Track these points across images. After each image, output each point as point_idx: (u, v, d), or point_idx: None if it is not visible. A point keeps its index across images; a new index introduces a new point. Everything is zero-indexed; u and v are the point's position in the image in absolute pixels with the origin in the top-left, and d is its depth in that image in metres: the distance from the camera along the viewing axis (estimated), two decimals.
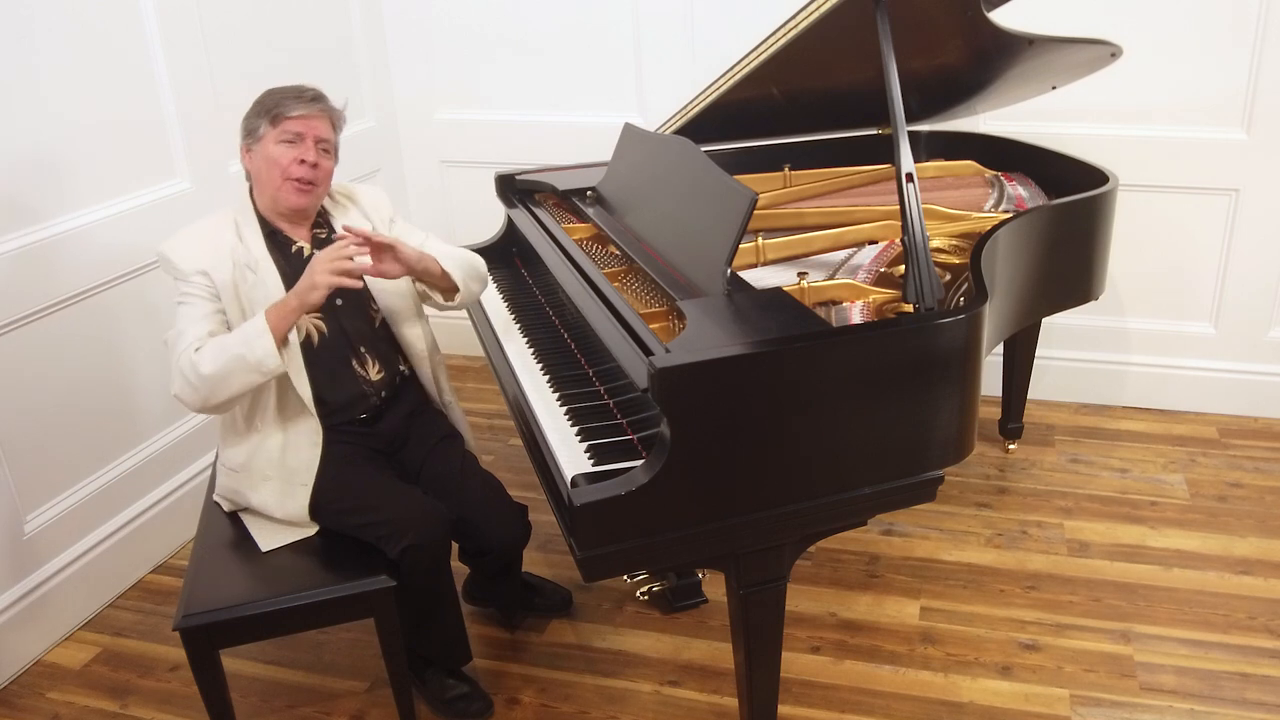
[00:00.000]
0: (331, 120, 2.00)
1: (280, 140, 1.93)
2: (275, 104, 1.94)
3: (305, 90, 1.97)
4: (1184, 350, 3.23)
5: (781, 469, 1.61)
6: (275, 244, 1.99)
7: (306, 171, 1.94)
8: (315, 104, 1.97)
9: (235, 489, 2.01)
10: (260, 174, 1.96)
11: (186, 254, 1.91)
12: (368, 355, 2.05)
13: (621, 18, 3.31)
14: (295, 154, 1.93)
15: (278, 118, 1.92)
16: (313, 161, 1.94)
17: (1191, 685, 2.14)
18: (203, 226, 1.97)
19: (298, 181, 1.94)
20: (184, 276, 1.90)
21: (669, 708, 2.14)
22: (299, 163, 1.93)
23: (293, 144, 1.93)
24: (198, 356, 1.81)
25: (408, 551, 1.88)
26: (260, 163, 1.95)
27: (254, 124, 1.95)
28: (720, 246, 1.82)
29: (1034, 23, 2.26)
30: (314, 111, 1.96)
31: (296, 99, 1.94)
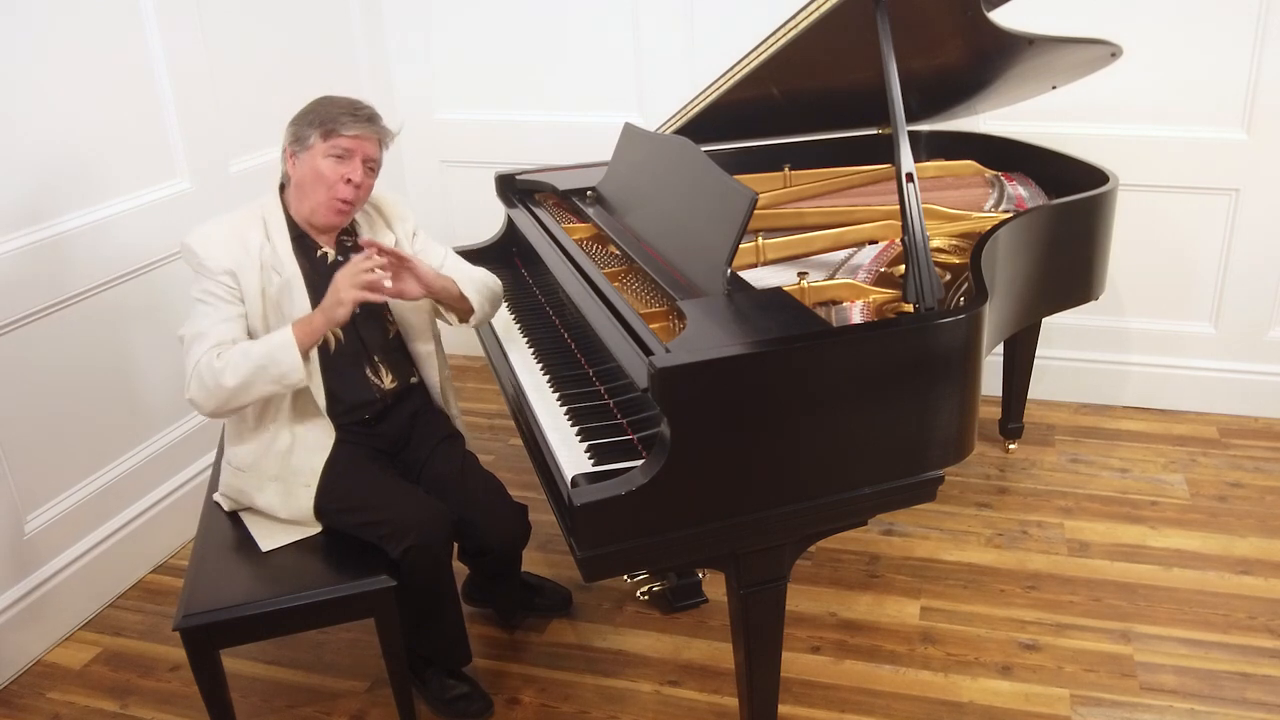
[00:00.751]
0: (381, 141, 1.98)
1: (329, 155, 1.91)
2: (331, 117, 1.91)
3: (361, 108, 1.94)
4: (1184, 350, 3.23)
5: (781, 469, 1.61)
6: (302, 248, 1.99)
7: (350, 192, 1.93)
8: (370, 124, 1.94)
9: (240, 488, 2.01)
10: (303, 183, 1.94)
11: (215, 251, 1.89)
12: (382, 364, 2.06)
13: (621, 18, 3.31)
14: (342, 171, 1.91)
15: (330, 132, 1.90)
16: (359, 182, 1.94)
17: (1192, 685, 2.14)
18: (231, 222, 1.95)
19: (339, 201, 1.94)
20: (210, 274, 1.88)
21: (669, 708, 2.14)
22: (345, 182, 1.92)
23: (341, 160, 1.91)
24: (220, 365, 1.81)
25: (409, 552, 1.88)
26: (305, 172, 1.93)
27: (304, 132, 1.92)
28: (720, 246, 1.82)
29: (1034, 23, 2.26)
30: (367, 131, 1.93)
31: (352, 116, 1.91)
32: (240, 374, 1.80)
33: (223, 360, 1.81)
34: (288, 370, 1.81)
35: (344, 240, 2.05)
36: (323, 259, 2.01)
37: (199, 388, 1.83)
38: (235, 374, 1.80)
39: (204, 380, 1.82)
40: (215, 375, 1.80)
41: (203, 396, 1.83)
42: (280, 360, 1.80)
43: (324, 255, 2.01)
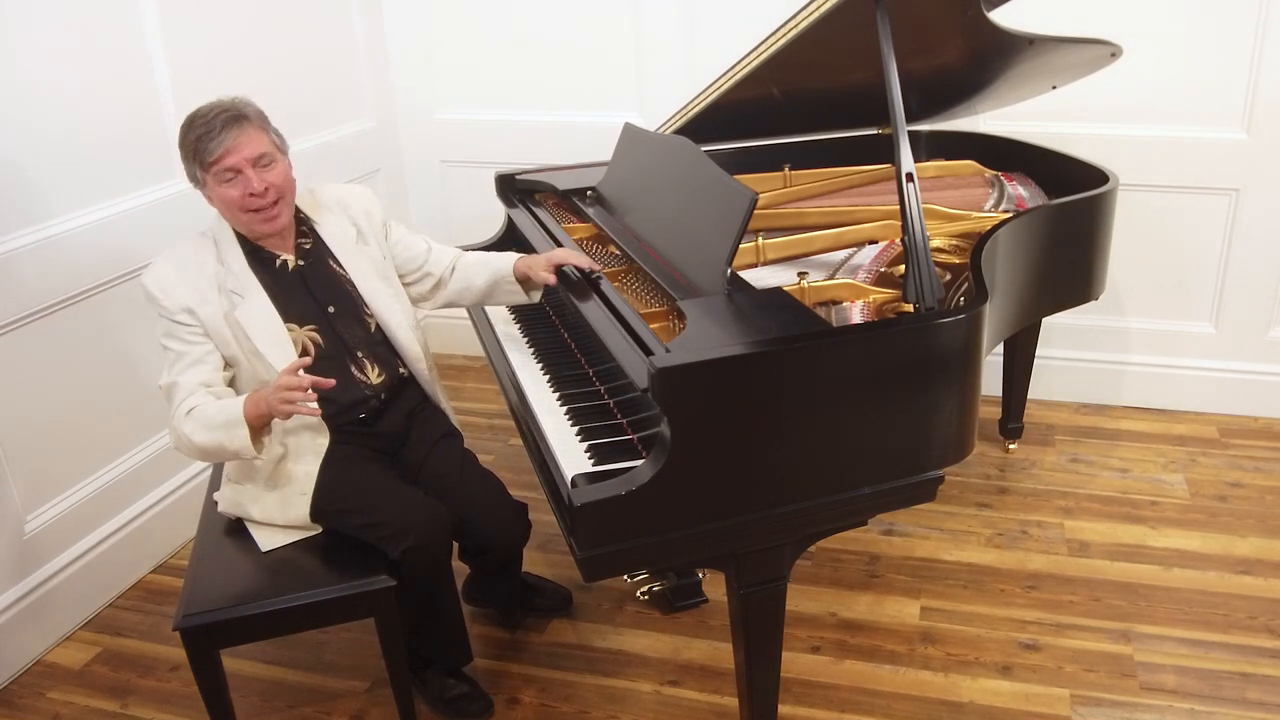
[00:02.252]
0: (257, 126, 1.88)
1: (220, 181, 1.85)
2: (198, 147, 1.83)
3: (213, 118, 1.83)
4: (1184, 350, 3.23)
5: (781, 469, 1.61)
6: (259, 261, 1.96)
7: (261, 200, 1.88)
8: (230, 129, 1.83)
9: (238, 500, 2.00)
10: (223, 212, 1.92)
11: (170, 288, 1.86)
12: (366, 360, 2.04)
13: (621, 18, 3.31)
14: (241, 189, 1.86)
15: (204, 161, 1.83)
16: (261, 188, 1.86)
17: (1192, 685, 2.14)
18: (182, 254, 1.92)
19: (259, 212, 1.89)
20: (169, 314, 1.86)
21: (669, 708, 2.14)
22: (250, 195, 1.86)
23: (232, 180, 1.85)
24: (188, 425, 1.80)
25: (409, 553, 1.88)
26: (217, 204, 1.90)
27: (190, 170, 1.87)
28: (720, 246, 1.82)
29: (1034, 23, 2.27)
30: (233, 138, 1.83)
31: (208, 134, 1.82)
32: (204, 439, 1.79)
33: (190, 420, 1.81)
34: (240, 448, 1.78)
35: (302, 244, 2.02)
36: (283, 268, 1.98)
37: (176, 441, 1.84)
38: (202, 436, 1.79)
39: (180, 439, 1.82)
40: (187, 437, 1.80)
41: (184, 451, 1.85)
42: (234, 436, 1.77)
43: (284, 263, 1.98)
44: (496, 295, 2.20)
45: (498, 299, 2.22)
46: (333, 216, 2.09)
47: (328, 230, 2.07)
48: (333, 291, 2.02)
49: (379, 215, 2.16)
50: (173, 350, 1.88)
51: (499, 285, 2.17)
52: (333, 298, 2.01)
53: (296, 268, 2.00)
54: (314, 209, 2.08)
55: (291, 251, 2.01)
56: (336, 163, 3.33)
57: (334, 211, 2.10)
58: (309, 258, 2.02)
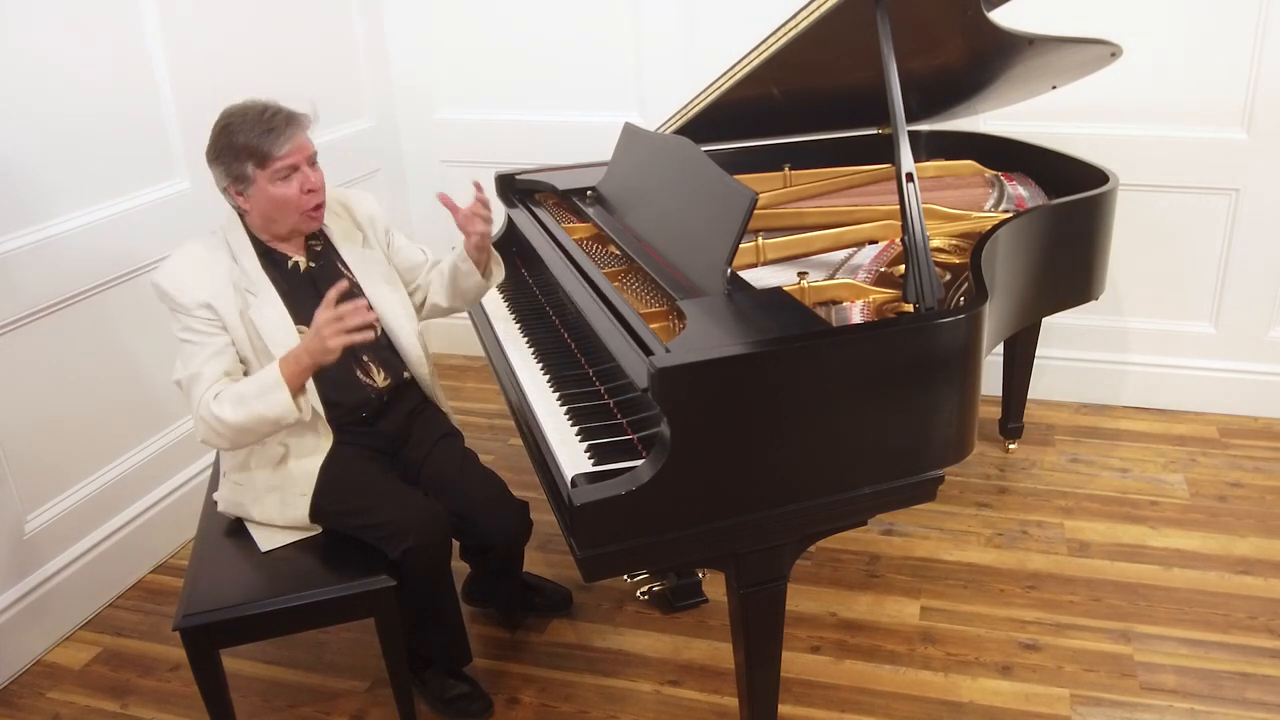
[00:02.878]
0: (309, 124, 1.93)
1: (276, 179, 1.86)
2: (254, 144, 1.84)
3: (272, 117, 1.86)
4: (1184, 350, 3.23)
5: (781, 469, 1.61)
6: (271, 262, 1.97)
7: (315, 198, 1.92)
8: (290, 126, 1.87)
9: (238, 500, 2.00)
10: (268, 213, 1.91)
11: (185, 284, 1.86)
12: (372, 363, 2.05)
13: (621, 18, 3.31)
14: (299, 185, 1.88)
15: (264, 159, 1.84)
16: (316, 185, 1.92)
17: (1192, 685, 2.14)
18: (195, 252, 1.92)
19: (312, 210, 1.93)
20: (186, 310, 1.85)
21: (669, 707, 2.14)
22: (307, 193, 1.90)
23: (289, 178, 1.88)
24: (218, 406, 1.80)
25: (409, 553, 1.88)
26: (263, 204, 1.89)
27: (238, 169, 1.86)
28: (720, 246, 1.82)
29: (1034, 23, 2.27)
30: (294, 136, 1.87)
31: (270, 132, 1.84)
32: (239, 414, 1.79)
33: (219, 402, 1.80)
34: (283, 412, 1.79)
35: (312, 245, 2.03)
36: (294, 269, 1.99)
37: (207, 431, 1.83)
38: (234, 413, 1.79)
39: (209, 424, 1.81)
40: (217, 417, 1.79)
41: (213, 439, 1.84)
42: (273, 402, 1.78)
43: (295, 265, 1.99)
44: (459, 282, 2.14)
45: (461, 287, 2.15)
46: (340, 220, 2.10)
47: (337, 234, 2.08)
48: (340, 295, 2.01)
49: (382, 221, 2.17)
50: (191, 343, 1.87)
51: (456, 269, 2.13)
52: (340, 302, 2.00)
53: (308, 269, 2.00)
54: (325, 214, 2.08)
55: (303, 253, 2.01)
56: (336, 163, 3.32)
57: (341, 216, 2.11)
58: (320, 260, 2.03)
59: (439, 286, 2.19)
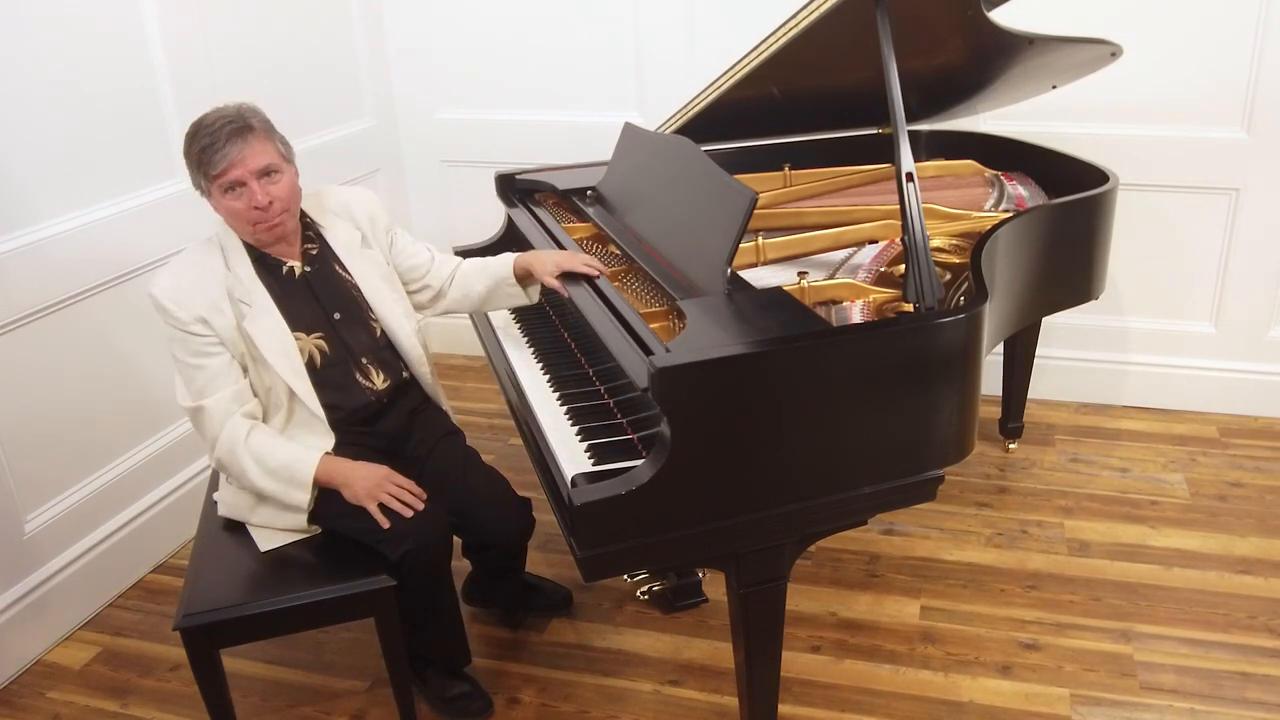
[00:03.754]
0: (262, 135, 1.86)
1: (224, 192, 1.84)
2: (203, 158, 1.81)
3: (218, 130, 1.80)
4: (1184, 350, 3.23)
5: (782, 468, 1.61)
6: (265, 269, 1.95)
7: (265, 214, 1.86)
8: (237, 139, 1.81)
9: (237, 504, 2.00)
10: (229, 222, 1.91)
11: (182, 299, 1.84)
12: (370, 365, 2.04)
13: (621, 18, 3.31)
14: (246, 202, 1.85)
15: (209, 173, 1.81)
16: (266, 202, 1.84)
17: (1191, 685, 2.14)
18: (189, 262, 1.91)
19: (265, 225, 1.88)
20: (182, 325, 1.84)
21: (669, 707, 2.14)
22: (254, 209, 1.85)
23: (237, 193, 1.83)
24: (249, 464, 1.86)
25: (408, 555, 1.88)
26: (222, 213, 1.89)
27: (195, 179, 1.86)
28: (720, 246, 1.82)
29: (1034, 23, 2.27)
30: (238, 152, 1.81)
31: (212, 146, 1.79)
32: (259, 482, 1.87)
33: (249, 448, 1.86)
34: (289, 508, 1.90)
35: (308, 250, 2.01)
36: (290, 275, 1.97)
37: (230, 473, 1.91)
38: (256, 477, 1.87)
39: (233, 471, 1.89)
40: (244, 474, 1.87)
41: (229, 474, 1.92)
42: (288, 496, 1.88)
43: (290, 270, 1.98)
44: (496, 299, 2.20)
45: (497, 303, 2.22)
46: (338, 221, 2.08)
47: (333, 235, 2.06)
48: (339, 297, 2.01)
49: (383, 220, 2.15)
50: (188, 365, 1.87)
51: (499, 288, 2.18)
52: (339, 304, 2.00)
53: (303, 274, 1.99)
54: (319, 213, 2.07)
55: (298, 258, 1.99)
56: (336, 163, 3.33)
57: (339, 216, 2.09)
58: (315, 264, 2.01)
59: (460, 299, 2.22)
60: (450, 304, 2.23)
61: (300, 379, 1.91)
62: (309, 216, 2.04)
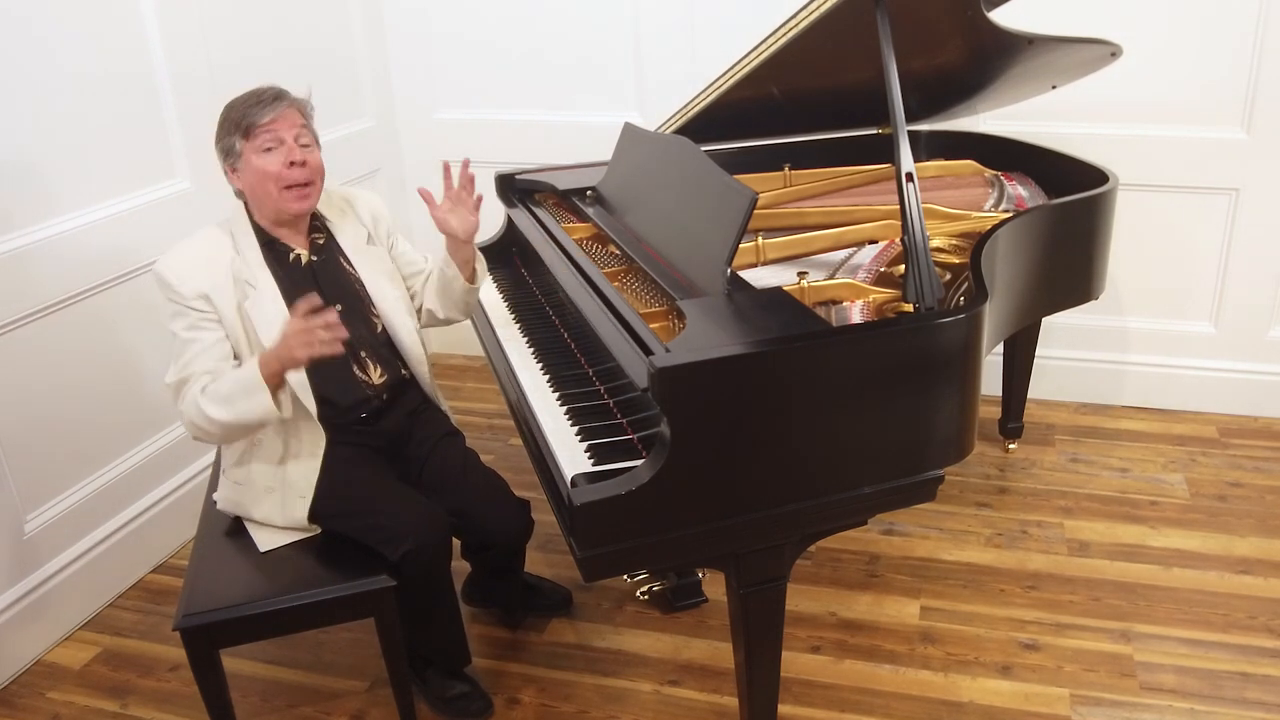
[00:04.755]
0: (300, 110, 1.94)
1: (260, 151, 1.87)
2: (241, 117, 1.88)
3: (264, 92, 1.90)
4: (1184, 350, 3.23)
5: (781, 468, 1.61)
6: (273, 254, 1.97)
7: (299, 173, 1.90)
8: (279, 102, 1.90)
9: (238, 500, 2.00)
10: (255, 189, 1.92)
11: (185, 275, 1.86)
12: (369, 360, 2.05)
13: (621, 18, 3.31)
14: (282, 158, 1.88)
15: (249, 130, 1.87)
16: (301, 160, 1.90)
17: (1191, 685, 2.14)
18: (198, 242, 1.93)
19: (296, 188, 1.91)
20: (183, 299, 1.86)
21: (669, 707, 2.14)
22: (289, 166, 1.88)
23: (273, 150, 1.88)
24: (205, 404, 1.80)
25: (408, 555, 1.88)
26: (251, 179, 1.90)
27: (228, 143, 1.90)
28: (720, 246, 1.82)
29: (1034, 23, 2.26)
30: (281, 110, 1.89)
31: (259, 104, 1.88)
32: (226, 415, 1.80)
33: (206, 398, 1.80)
34: (263, 415, 1.79)
35: (315, 239, 2.03)
36: (296, 262, 1.99)
37: (197, 430, 1.83)
38: (221, 412, 1.80)
39: (198, 422, 1.82)
40: (206, 415, 1.80)
41: (204, 436, 1.85)
42: (255, 406, 1.78)
43: (297, 258, 1.99)
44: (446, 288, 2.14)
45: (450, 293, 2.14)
46: (344, 217, 2.11)
47: (341, 229, 2.08)
48: (342, 290, 2.02)
49: (386, 221, 2.17)
50: (181, 338, 1.87)
51: (443, 275, 2.12)
52: (341, 296, 2.01)
53: (310, 263, 2.00)
54: (327, 207, 2.09)
55: (305, 246, 2.02)
56: (336, 162, 3.31)
57: (345, 212, 2.12)
58: (322, 253, 2.03)
59: (431, 294, 2.19)
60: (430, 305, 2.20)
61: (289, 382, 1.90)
62: (317, 209, 2.05)
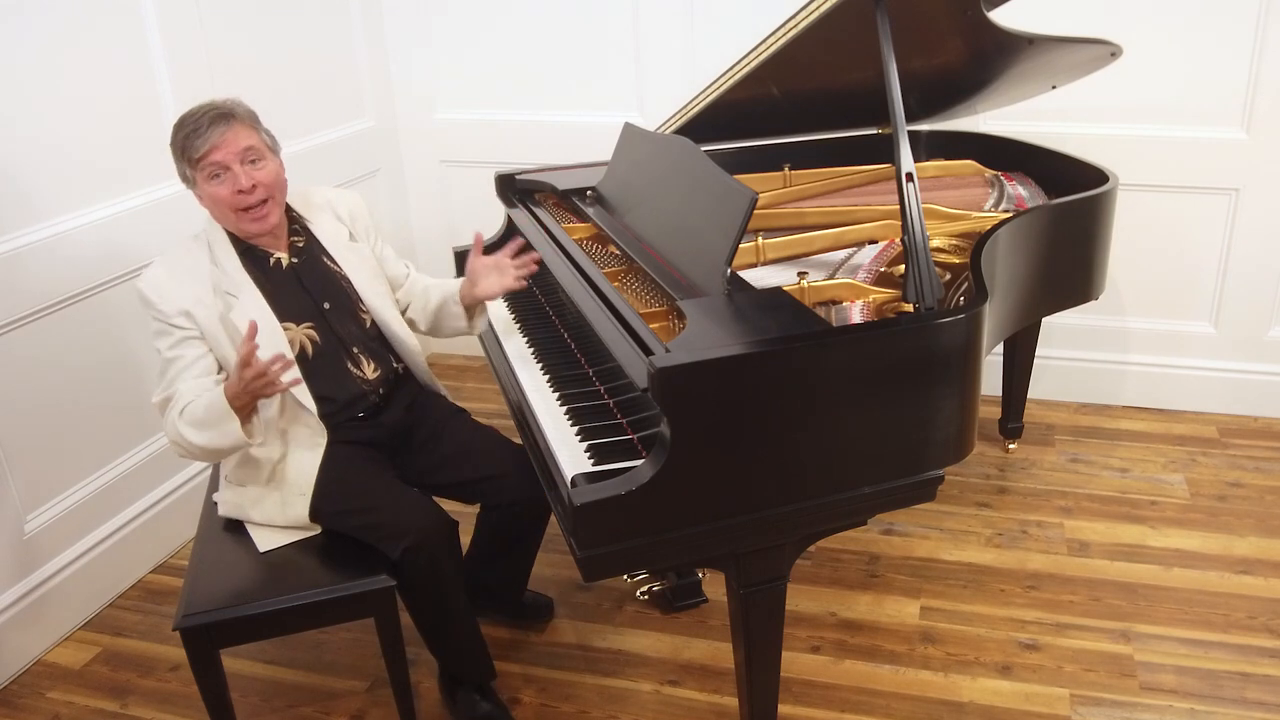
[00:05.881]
0: (247, 123, 1.89)
1: (209, 178, 1.86)
2: (182, 145, 1.85)
3: (204, 113, 1.85)
4: (1184, 350, 3.23)
5: (781, 468, 1.61)
6: (252, 260, 1.96)
7: (251, 197, 1.88)
8: (217, 126, 1.84)
9: (238, 502, 2.00)
10: (213, 212, 1.92)
11: (166, 292, 1.86)
12: (362, 356, 2.04)
13: (621, 18, 3.31)
14: (230, 187, 1.86)
15: (192, 158, 1.84)
16: (250, 185, 1.86)
17: (1191, 685, 2.14)
18: (177, 257, 1.92)
19: (246, 211, 1.89)
20: (165, 318, 1.85)
21: (669, 707, 2.14)
22: (238, 193, 1.86)
23: (220, 177, 1.85)
24: (182, 426, 1.79)
25: (408, 552, 1.88)
26: (207, 204, 1.90)
27: (180, 168, 1.88)
28: (720, 246, 1.82)
29: (1034, 23, 2.26)
30: (221, 135, 1.84)
31: (195, 132, 1.83)
32: (202, 440, 1.78)
33: (183, 422, 1.80)
34: (234, 444, 1.78)
35: (295, 242, 2.02)
36: (277, 266, 1.98)
37: (180, 450, 1.83)
38: (197, 438, 1.79)
39: (180, 444, 1.81)
40: (184, 438, 1.79)
41: (189, 457, 1.85)
42: (226, 434, 1.76)
43: (278, 262, 1.99)
44: (442, 318, 2.18)
45: (442, 322, 2.18)
46: (325, 215, 2.10)
47: (320, 228, 2.08)
48: (328, 288, 2.02)
49: (364, 219, 2.17)
50: (164, 356, 1.87)
51: (445, 306, 2.15)
52: (328, 294, 2.01)
53: (290, 265, 2.00)
54: (306, 209, 2.09)
55: (285, 250, 2.01)
56: (336, 163, 3.33)
57: (325, 211, 2.12)
58: (302, 255, 2.02)
59: (420, 310, 2.20)
60: (412, 315, 2.22)
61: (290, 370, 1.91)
62: (295, 211, 2.06)
